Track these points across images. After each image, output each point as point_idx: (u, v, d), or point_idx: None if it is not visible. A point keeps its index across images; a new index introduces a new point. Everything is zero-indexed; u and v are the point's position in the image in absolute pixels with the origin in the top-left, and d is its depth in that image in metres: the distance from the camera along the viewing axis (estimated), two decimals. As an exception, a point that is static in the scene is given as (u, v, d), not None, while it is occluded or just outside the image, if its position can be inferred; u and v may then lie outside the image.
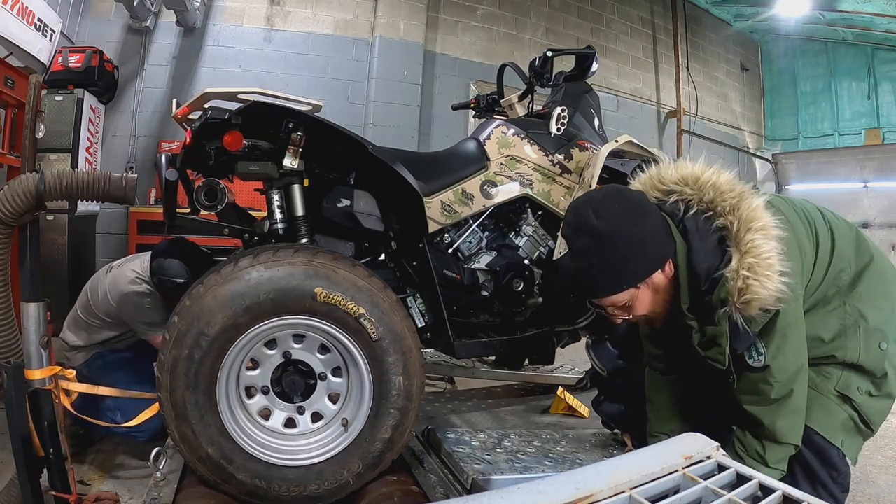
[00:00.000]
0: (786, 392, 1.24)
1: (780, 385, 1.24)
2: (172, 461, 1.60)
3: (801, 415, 1.28)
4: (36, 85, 2.70)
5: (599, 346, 1.98)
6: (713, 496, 0.92)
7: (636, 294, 1.23)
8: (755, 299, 1.13)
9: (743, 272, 1.13)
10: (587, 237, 1.20)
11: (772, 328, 1.21)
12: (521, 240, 2.13)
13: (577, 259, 1.25)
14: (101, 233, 4.50)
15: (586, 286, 1.27)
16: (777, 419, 1.25)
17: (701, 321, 1.25)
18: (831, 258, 1.33)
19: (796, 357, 1.25)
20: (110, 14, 4.68)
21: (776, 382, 1.24)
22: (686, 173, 1.26)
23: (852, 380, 1.34)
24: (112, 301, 2.09)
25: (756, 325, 1.20)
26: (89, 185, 1.54)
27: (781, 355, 1.22)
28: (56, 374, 1.61)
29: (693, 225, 1.22)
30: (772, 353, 1.22)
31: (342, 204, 1.77)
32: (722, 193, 1.21)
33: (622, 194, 1.26)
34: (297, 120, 1.58)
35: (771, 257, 1.14)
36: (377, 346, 1.48)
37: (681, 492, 0.94)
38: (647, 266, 1.21)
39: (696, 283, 1.21)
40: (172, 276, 1.99)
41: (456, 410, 2.68)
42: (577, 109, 2.22)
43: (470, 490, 1.58)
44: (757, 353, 1.23)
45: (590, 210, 1.21)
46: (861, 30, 6.74)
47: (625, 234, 1.18)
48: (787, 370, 1.24)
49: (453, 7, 5.67)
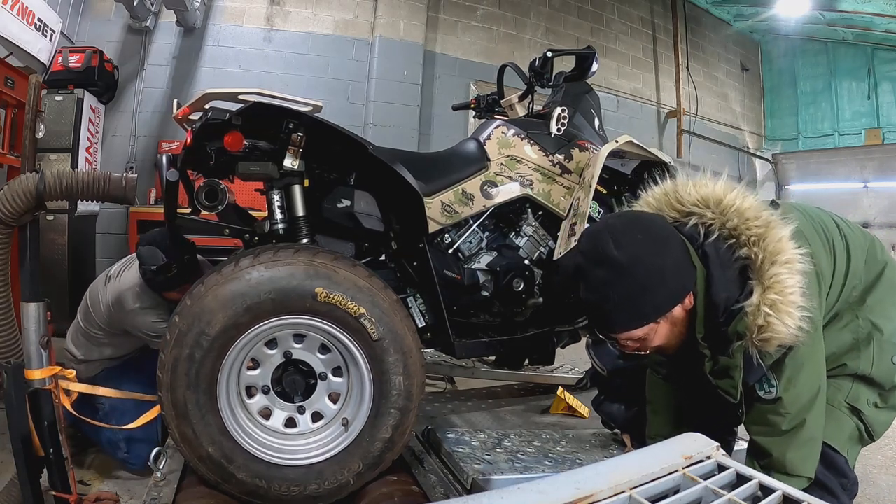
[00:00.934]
0: (797, 423, 1.19)
1: (792, 417, 1.19)
2: (172, 461, 1.60)
3: (816, 445, 1.21)
4: (36, 85, 2.71)
5: (599, 346, 1.98)
6: (713, 496, 0.92)
7: (654, 328, 1.16)
8: (774, 337, 1.09)
9: (765, 308, 1.08)
10: (605, 269, 1.12)
11: (783, 361, 1.17)
12: (522, 240, 2.14)
13: (594, 291, 1.16)
14: (101, 233, 4.50)
15: (602, 321, 1.20)
16: (787, 450, 1.19)
17: (714, 350, 1.20)
18: (846, 278, 1.30)
19: (810, 386, 1.19)
20: (110, 14, 4.68)
21: (787, 414, 1.19)
22: (707, 193, 1.19)
23: (861, 392, 1.32)
24: (117, 316, 2.07)
25: (770, 360, 1.16)
26: (89, 185, 1.54)
27: (793, 387, 1.18)
28: (56, 374, 1.61)
29: (714, 251, 1.15)
30: (783, 385, 1.17)
31: (342, 204, 1.77)
32: (747, 221, 1.13)
33: (643, 223, 1.18)
34: (298, 120, 1.59)
35: (794, 293, 1.08)
36: (377, 345, 1.49)
37: (681, 492, 0.94)
38: (667, 300, 1.14)
39: (714, 313, 1.15)
40: (149, 263, 1.98)
41: (456, 410, 2.67)
42: (578, 109, 2.22)
43: (470, 490, 1.58)
44: (768, 386, 1.18)
45: (609, 239, 1.12)
46: (861, 30, 6.75)
47: (646, 266, 1.10)
48: (800, 401, 1.18)
49: (453, 7, 5.67)
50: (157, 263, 1.97)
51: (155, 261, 1.98)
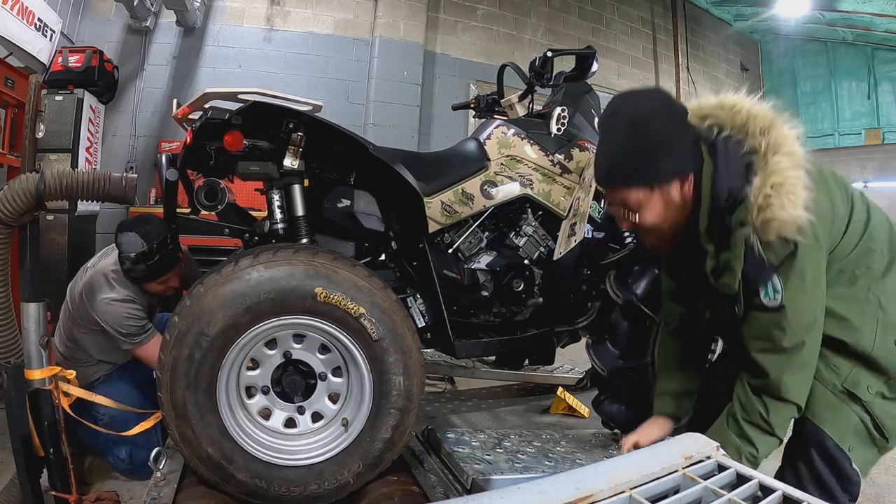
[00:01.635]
0: (798, 342, 1.17)
1: (793, 332, 1.16)
2: (172, 461, 1.60)
3: (810, 373, 1.21)
4: (36, 85, 2.71)
5: (599, 346, 1.98)
6: (713, 496, 0.93)
7: (648, 197, 1.19)
8: (774, 220, 1.09)
9: (765, 189, 1.10)
10: (620, 123, 1.19)
11: (790, 266, 1.14)
12: (522, 240, 2.13)
13: (605, 144, 1.24)
14: (101, 233, 4.50)
15: (605, 172, 1.25)
16: (785, 372, 1.18)
17: (717, 246, 1.21)
18: (864, 231, 1.24)
19: (812, 307, 1.17)
20: (110, 14, 4.68)
21: (789, 328, 1.16)
22: (723, 99, 1.25)
23: (862, 377, 1.24)
24: (89, 305, 1.94)
25: (772, 255, 1.14)
26: (89, 185, 1.54)
27: (798, 298, 1.15)
28: (56, 375, 1.61)
29: (723, 147, 1.19)
30: (789, 293, 1.14)
31: (342, 204, 1.77)
32: (755, 116, 1.18)
33: (666, 97, 1.24)
34: (298, 120, 1.59)
35: (796, 184, 1.09)
36: (377, 345, 1.49)
37: (681, 492, 0.94)
38: (667, 169, 1.18)
39: (717, 204, 1.17)
40: (128, 250, 1.88)
41: (456, 410, 2.68)
42: (578, 109, 2.22)
43: (470, 490, 1.58)
44: (773, 291, 1.15)
45: (631, 100, 1.22)
46: (861, 30, 6.75)
47: (656, 130, 1.16)
48: (803, 317, 1.16)
49: (453, 7, 5.67)
50: (137, 250, 1.88)
51: (134, 247, 1.88)
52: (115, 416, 1.90)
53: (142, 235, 1.90)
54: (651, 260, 1.98)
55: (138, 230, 1.91)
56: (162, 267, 1.96)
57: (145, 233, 1.91)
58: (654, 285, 1.96)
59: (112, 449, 2.00)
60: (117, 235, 1.93)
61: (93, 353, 2.04)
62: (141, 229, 1.91)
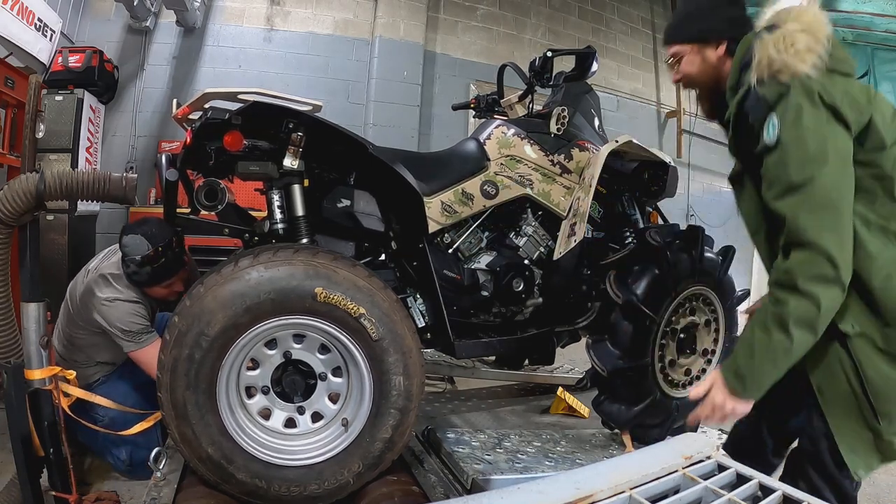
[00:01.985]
0: (805, 176, 1.10)
1: (796, 165, 1.12)
2: (172, 461, 1.60)
3: (834, 218, 1.10)
4: (36, 85, 2.71)
5: (599, 346, 1.98)
6: (713, 496, 0.93)
7: (685, 50, 1.40)
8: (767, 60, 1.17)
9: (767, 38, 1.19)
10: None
11: (785, 104, 1.14)
12: (522, 240, 2.14)
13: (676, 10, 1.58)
14: (101, 233, 4.50)
15: (666, 28, 1.49)
16: (800, 212, 1.10)
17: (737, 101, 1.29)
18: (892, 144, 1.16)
19: (816, 140, 1.11)
20: (110, 14, 4.68)
21: (791, 161, 1.12)
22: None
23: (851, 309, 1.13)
24: (89, 305, 1.91)
25: (767, 91, 1.18)
26: (89, 185, 1.54)
27: (795, 132, 1.12)
28: (56, 375, 1.61)
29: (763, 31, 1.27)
30: (785, 127, 1.13)
31: (342, 204, 1.77)
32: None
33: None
34: (298, 120, 1.59)
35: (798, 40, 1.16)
36: (377, 345, 1.49)
37: (681, 492, 0.95)
38: (704, 30, 1.37)
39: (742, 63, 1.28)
40: (133, 253, 1.85)
41: (456, 410, 2.68)
42: (578, 109, 2.23)
43: (470, 490, 1.58)
44: (772, 128, 1.16)
45: None
46: (861, 30, 6.74)
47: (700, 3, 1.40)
48: (803, 147, 1.11)
49: (453, 7, 5.67)
50: (142, 252, 1.85)
51: (139, 250, 1.85)
52: (115, 416, 1.90)
53: (147, 238, 1.86)
54: (651, 260, 1.99)
55: (143, 232, 1.87)
56: (167, 270, 1.93)
57: (151, 235, 1.87)
58: (654, 285, 1.96)
59: (112, 449, 1.99)
60: (121, 237, 1.90)
61: (91, 354, 2.03)
62: (146, 231, 1.88)
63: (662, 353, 2.06)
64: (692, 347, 2.15)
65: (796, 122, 1.13)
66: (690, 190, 6.99)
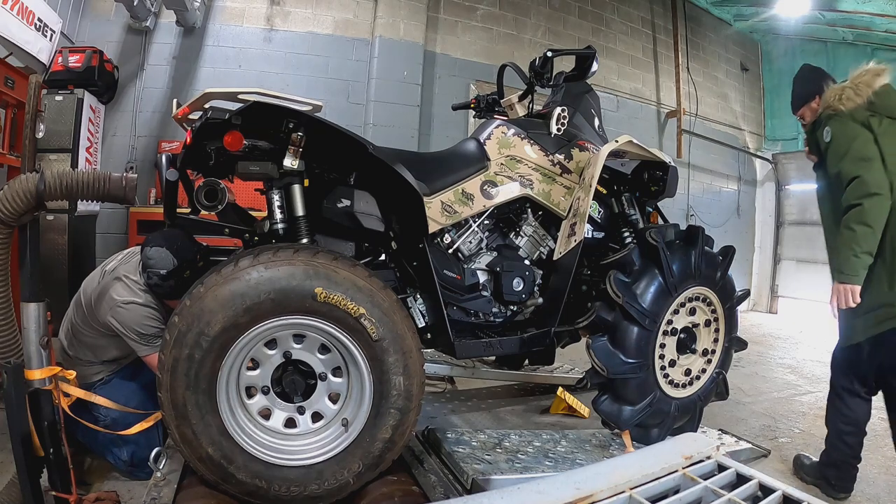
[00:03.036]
0: (846, 148, 1.92)
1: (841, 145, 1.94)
2: (172, 461, 1.60)
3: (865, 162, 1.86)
4: (36, 85, 2.71)
5: (600, 346, 1.98)
6: (713, 496, 0.93)
7: (805, 110, 2.20)
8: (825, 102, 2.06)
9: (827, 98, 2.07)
10: (796, 80, 2.27)
11: (829, 120, 2.02)
12: (522, 240, 2.14)
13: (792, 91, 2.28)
14: (101, 233, 4.49)
15: (792, 101, 2.27)
16: (849, 165, 1.89)
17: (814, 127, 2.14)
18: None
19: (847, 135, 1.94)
20: (110, 14, 4.68)
21: (841, 146, 1.94)
22: None
23: None
24: (104, 308, 1.90)
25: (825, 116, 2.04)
26: (89, 185, 1.54)
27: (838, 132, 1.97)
28: (56, 375, 1.61)
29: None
30: (833, 132, 1.99)
31: (342, 204, 1.77)
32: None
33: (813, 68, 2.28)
34: (298, 120, 1.58)
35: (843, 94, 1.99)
36: (377, 345, 1.49)
37: (681, 492, 0.95)
38: (807, 97, 2.18)
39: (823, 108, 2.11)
40: (158, 266, 1.85)
41: (456, 410, 2.68)
42: (578, 109, 2.23)
43: (470, 490, 1.58)
44: (827, 133, 2.01)
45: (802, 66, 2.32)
46: (861, 30, 6.73)
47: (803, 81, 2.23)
48: (846, 135, 1.94)
49: (453, 7, 5.67)
50: (168, 268, 1.84)
51: (165, 265, 1.84)
52: (117, 416, 1.90)
53: (173, 252, 1.86)
54: (651, 260, 1.99)
55: (170, 246, 1.87)
56: (190, 285, 1.93)
57: (177, 249, 1.87)
58: (655, 285, 1.96)
59: (112, 449, 1.99)
60: (146, 249, 1.88)
61: (96, 353, 2.03)
62: (172, 246, 1.87)
63: (662, 352, 2.06)
64: (692, 347, 2.15)
65: (838, 129, 1.98)
66: (690, 190, 6.99)
